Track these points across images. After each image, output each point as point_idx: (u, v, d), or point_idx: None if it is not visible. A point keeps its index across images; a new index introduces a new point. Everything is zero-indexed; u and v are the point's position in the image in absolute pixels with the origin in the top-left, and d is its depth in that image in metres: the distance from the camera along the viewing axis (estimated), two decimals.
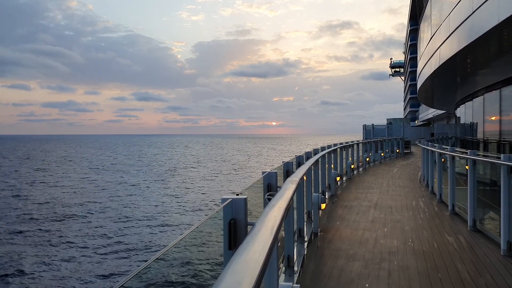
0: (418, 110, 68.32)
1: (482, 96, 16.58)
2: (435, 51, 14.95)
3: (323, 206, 6.07)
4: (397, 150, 23.48)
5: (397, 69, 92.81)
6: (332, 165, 10.13)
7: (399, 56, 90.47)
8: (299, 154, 6.39)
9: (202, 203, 27.73)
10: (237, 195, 2.12)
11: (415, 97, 56.77)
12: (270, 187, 3.40)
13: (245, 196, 2.08)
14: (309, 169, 5.39)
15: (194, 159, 72.45)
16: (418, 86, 23.21)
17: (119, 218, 23.26)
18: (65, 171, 49.54)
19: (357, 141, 16.00)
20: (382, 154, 20.14)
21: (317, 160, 6.67)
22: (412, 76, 68.45)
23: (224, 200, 2.04)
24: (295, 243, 4.58)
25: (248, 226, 2.05)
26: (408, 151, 27.10)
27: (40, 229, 20.40)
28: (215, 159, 70.78)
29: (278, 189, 3.07)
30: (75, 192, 33.16)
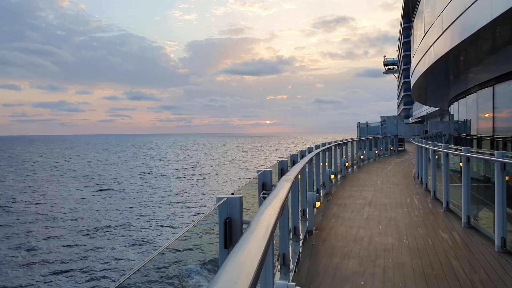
0: (412, 108, 68.66)
1: (476, 93, 16.68)
2: (428, 49, 15.02)
3: (318, 204, 6.08)
4: (391, 148, 23.59)
5: (391, 67, 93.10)
6: (326, 163, 10.14)
7: (394, 53, 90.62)
8: (293, 153, 6.39)
9: (199, 203, 27.69)
10: (232, 194, 2.11)
11: (408, 95, 57.04)
12: (265, 185, 3.39)
13: (241, 195, 2.06)
14: (303, 168, 5.39)
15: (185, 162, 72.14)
16: (412, 83, 23.32)
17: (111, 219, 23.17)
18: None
19: (351, 139, 16.04)
20: (376, 152, 20.22)
21: (311, 159, 6.68)
22: (405, 73, 68.77)
23: (219, 199, 2.03)
24: (290, 242, 4.58)
25: (244, 225, 2.04)
26: (402, 148, 27.24)
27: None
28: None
29: (273, 187, 3.07)
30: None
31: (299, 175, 5.12)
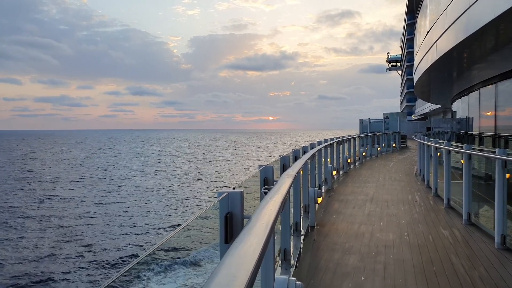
0: (415, 105, 68.41)
1: (478, 91, 16.62)
2: (432, 45, 14.95)
3: (319, 200, 6.10)
4: (394, 145, 23.54)
5: (394, 64, 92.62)
6: (328, 159, 10.15)
7: (399, 49, 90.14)
8: (295, 149, 6.40)
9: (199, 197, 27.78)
10: (233, 188, 2.13)
11: (411, 92, 56.82)
12: (266, 181, 3.41)
13: (242, 190, 2.08)
14: (305, 163, 5.40)
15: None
16: (415, 80, 23.23)
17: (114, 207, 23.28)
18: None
19: (354, 135, 16.03)
20: (379, 149, 20.19)
21: (313, 154, 6.68)
22: (409, 70, 68.42)
23: (220, 193, 2.04)
24: (292, 237, 4.61)
25: (245, 220, 2.06)
26: (405, 145, 27.17)
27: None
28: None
29: (274, 183, 3.08)
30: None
31: (301, 171, 5.14)
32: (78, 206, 25.12)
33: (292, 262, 4.20)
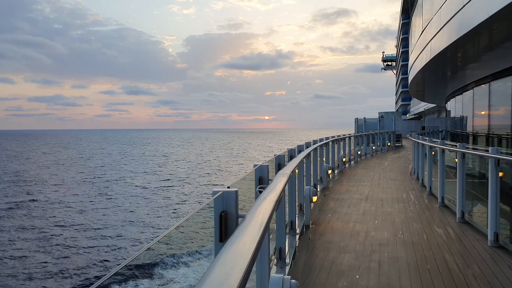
0: (410, 104, 68.69)
1: (472, 90, 16.73)
2: (426, 45, 15.03)
3: (314, 199, 6.12)
4: (389, 144, 23.65)
5: (389, 63, 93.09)
6: (324, 158, 10.18)
7: (394, 48, 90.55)
8: (291, 147, 6.42)
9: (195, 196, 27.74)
10: (228, 187, 2.13)
11: (406, 91, 57.04)
12: (261, 180, 3.42)
13: (236, 189, 2.09)
14: (301, 162, 5.41)
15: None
16: (410, 79, 23.33)
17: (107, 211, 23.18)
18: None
19: (349, 134, 16.08)
20: (374, 148, 20.27)
21: (309, 153, 6.70)
22: (404, 69, 68.73)
23: (215, 192, 2.05)
24: (287, 236, 4.62)
25: (239, 219, 2.06)
26: (400, 144, 27.30)
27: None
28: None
29: (269, 182, 3.09)
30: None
31: (297, 170, 5.15)
32: (65, 206, 25.00)
33: (287, 260, 4.22)
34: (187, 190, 30.95)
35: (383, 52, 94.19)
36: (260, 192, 2.93)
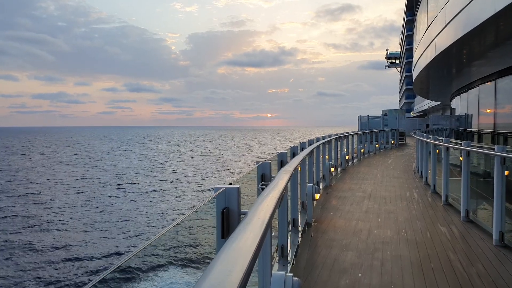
0: (414, 102, 68.43)
1: (477, 88, 16.61)
2: (431, 42, 14.92)
3: (317, 196, 6.09)
4: (392, 142, 23.56)
5: (393, 60, 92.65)
6: (327, 156, 10.14)
7: (398, 45, 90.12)
8: (293, 145, 6.39)
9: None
10: (231, 184, 2.11)
11: (410, 89, 56.81)
12: (264, 177, 3.40)
13: (239, 186, 2.06)
14: (303, 160, 5.39)
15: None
16: (414, 77, 23.21)
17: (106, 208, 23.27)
18: None
19: (352, 132, 16.02)
20: (377, 146, 20.20)
21: (311, 151, 6.67)
22: (408, 67, 68.40)
23: (217, 189, 2.03)
24: (289, 233, 4.60)
25: (241, 216, 2.04)
26: (403, 142, 27.20)
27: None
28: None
29: (272, 179, 3.07)
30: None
31: (299, 167, 5.13)
32: (70, 202, 25.13)
33: (289, 258, 4.19)
34: (190, 187, 31.01)
35: (387, 50, 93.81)
36: (262, 189, 2.91)
